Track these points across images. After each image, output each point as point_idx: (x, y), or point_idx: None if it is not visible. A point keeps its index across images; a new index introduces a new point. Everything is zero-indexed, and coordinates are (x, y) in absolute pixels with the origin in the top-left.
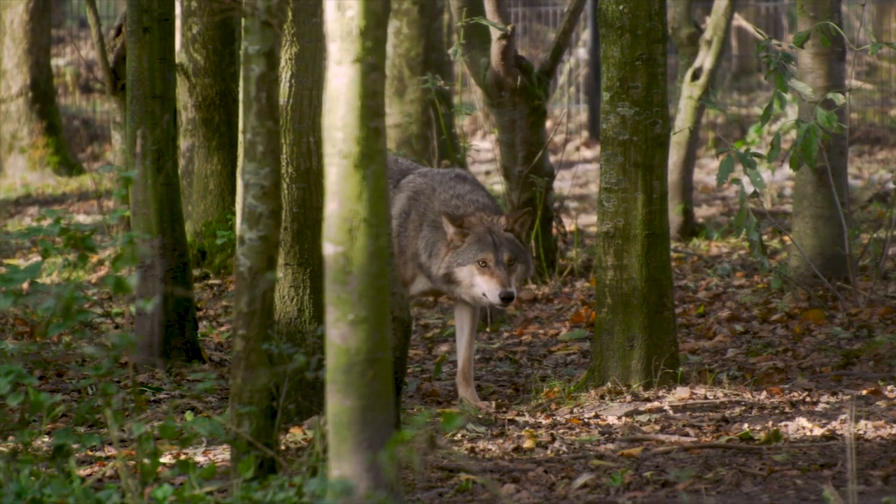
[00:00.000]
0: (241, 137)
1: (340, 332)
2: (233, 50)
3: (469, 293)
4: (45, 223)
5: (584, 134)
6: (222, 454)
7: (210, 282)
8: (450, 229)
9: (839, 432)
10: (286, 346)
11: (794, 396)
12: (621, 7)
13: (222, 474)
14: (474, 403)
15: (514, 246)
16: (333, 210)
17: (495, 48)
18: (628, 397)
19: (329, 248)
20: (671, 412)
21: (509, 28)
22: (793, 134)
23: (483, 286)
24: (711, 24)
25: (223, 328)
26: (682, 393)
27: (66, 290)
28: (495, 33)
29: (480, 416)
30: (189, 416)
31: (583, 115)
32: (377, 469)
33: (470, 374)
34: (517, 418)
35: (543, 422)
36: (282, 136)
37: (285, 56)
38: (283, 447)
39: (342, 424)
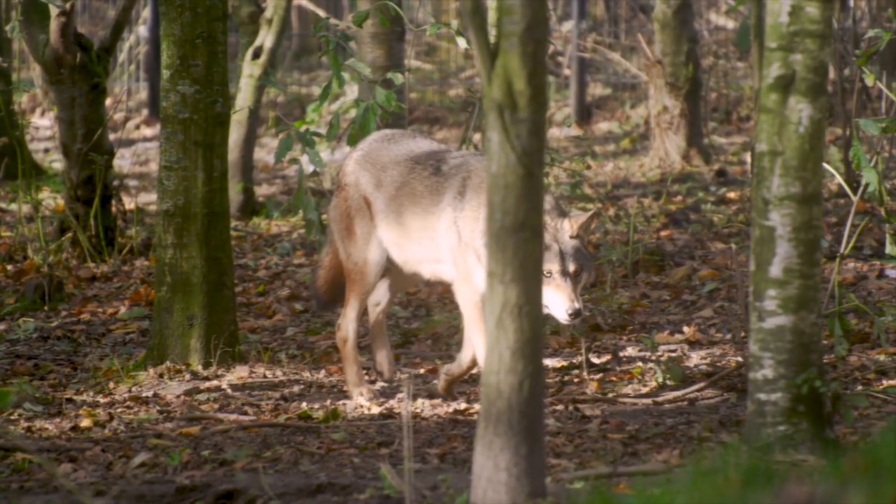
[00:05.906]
0: None
1: None
2: None
3: None
4: None
5: (145, 112)
6: None
7: None
8: None
9: (397, 411)
10: None
11: None
12: None
13: None
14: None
15: (579, 254)
16: None
17: (55, 25)
18: (187, 376)
19: None
20: (230, 391)
21: (68, 5)
22: (353, 113)
23: (546, 299)
24: (272, 3)
25: None
26: (241, 372)
27: None
28: (55, 10)
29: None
30: None
31: (143, 94)
32: None
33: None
34: (75, 397)
35: (102, 401)
36: None
37: None
38: None
39: None
